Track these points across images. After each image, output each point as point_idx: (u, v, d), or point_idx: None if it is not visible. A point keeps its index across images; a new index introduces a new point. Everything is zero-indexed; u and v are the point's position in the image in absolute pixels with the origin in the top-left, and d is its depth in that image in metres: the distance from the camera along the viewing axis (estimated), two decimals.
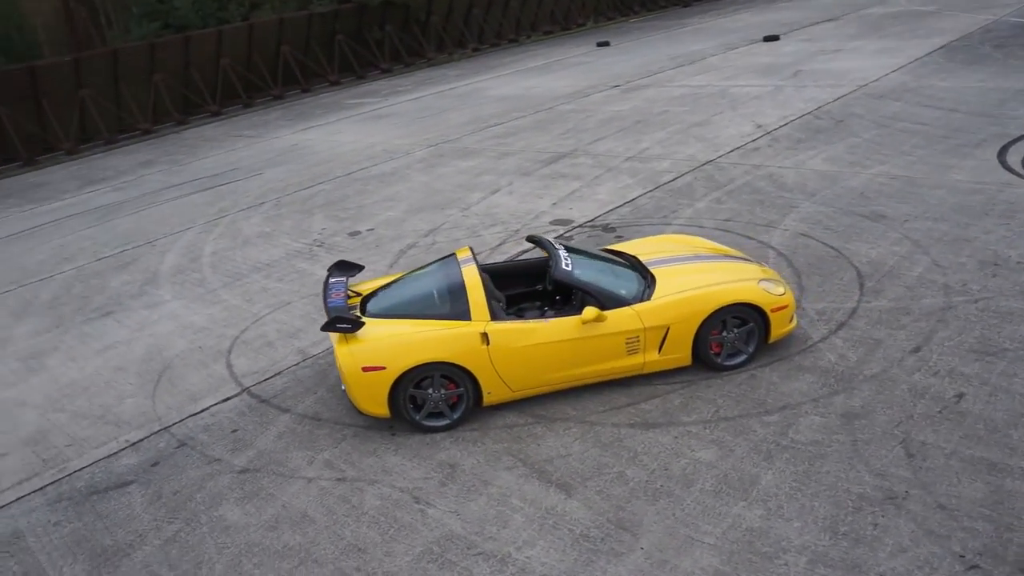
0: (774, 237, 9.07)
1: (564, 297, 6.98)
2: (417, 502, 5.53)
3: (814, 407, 5.91)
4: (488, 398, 6.32)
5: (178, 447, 6.60)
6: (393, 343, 6.15)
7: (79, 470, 6.46)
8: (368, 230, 11.76)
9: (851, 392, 6.02)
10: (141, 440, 6.77)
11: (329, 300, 6.52)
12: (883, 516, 4.76)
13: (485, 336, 6.14)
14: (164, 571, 5.19)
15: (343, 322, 6.11)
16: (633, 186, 11.78)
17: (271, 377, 7.57)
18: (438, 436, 6.25)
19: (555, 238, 7.22)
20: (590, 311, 6.12)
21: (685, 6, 39.99)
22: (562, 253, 6.71)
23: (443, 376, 6.17)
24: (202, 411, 7.12)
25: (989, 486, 4.88)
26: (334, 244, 11.34)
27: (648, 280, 6.68)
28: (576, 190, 12.05)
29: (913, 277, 7.65)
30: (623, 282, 6.61)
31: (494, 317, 6.24)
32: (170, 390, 7.59)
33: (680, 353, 6.42)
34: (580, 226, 10.51)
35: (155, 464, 6.40)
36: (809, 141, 12.70)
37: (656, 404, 6.24)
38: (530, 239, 7.29)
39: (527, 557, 4.87)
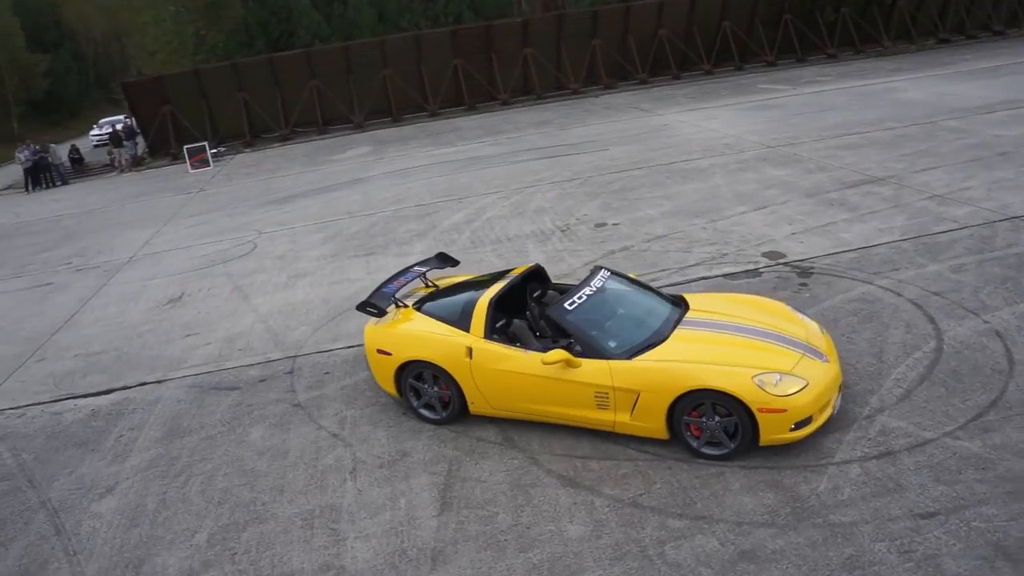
0: (959, 328, 7.25)
1: None
2: (352, 472, 6.38)
3: (727, 530, 5.14)
4: (472, 407, 6.75)
5: (285, 373, 8.35)
6: (403, 335, 6.95)
7: (225, 369, 8.64)
8: (614, 224, 12.14)
9: (785, 532, 5.05)
10: (273, 360, 8.69)
11: (385, 285, 7.48)
12: None
13: (470, 350, 6.55)
14: (186, 456, 6.98)
15: (371, 307, 7.07)
16: (893, 230, 10.06)
17: None
18: (428, 426, 6.91)
19: (612, 272, 7.05)
20: (554, 354, 6.08)
21: None
22: (587, 291, 6.63)
23: (435, 376, 6.78)
24: (327, 351, 8.76)
25: None
26: (575, 232, 12.02)
27: (661, 338, 6.25)
28: (831, 223, 10.71)
29: None
30: (622, 334, 6.30)
31: (488, 336, 6.58)
32: (331, 328, 9.40)
33: (651, 424, 5.99)
34: (785, 264, 9.53)
35: (262, 380, 8.25)
36: None
37: (603, 466, 6.00)
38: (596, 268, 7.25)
39: (353, 547, 5.47)
